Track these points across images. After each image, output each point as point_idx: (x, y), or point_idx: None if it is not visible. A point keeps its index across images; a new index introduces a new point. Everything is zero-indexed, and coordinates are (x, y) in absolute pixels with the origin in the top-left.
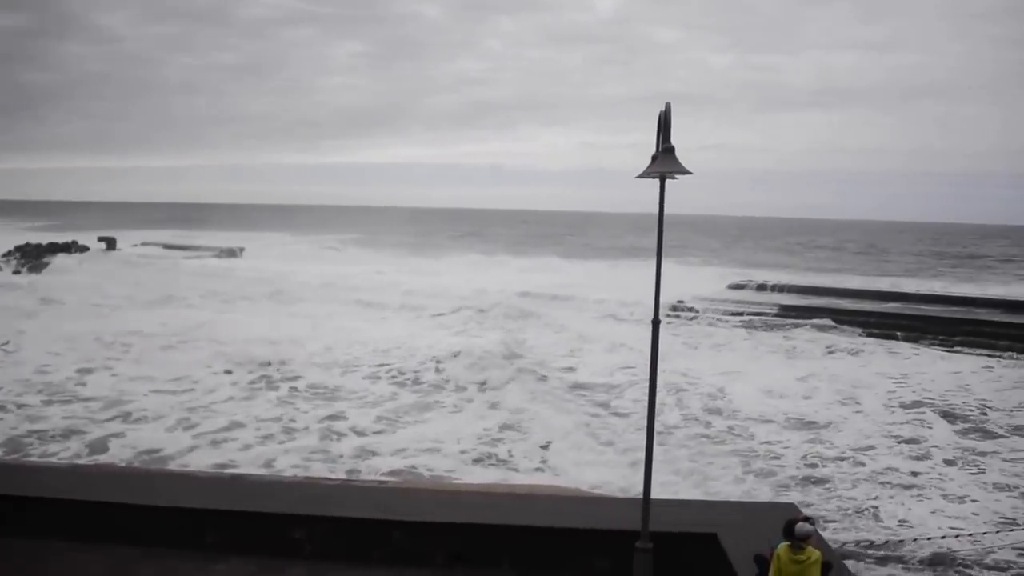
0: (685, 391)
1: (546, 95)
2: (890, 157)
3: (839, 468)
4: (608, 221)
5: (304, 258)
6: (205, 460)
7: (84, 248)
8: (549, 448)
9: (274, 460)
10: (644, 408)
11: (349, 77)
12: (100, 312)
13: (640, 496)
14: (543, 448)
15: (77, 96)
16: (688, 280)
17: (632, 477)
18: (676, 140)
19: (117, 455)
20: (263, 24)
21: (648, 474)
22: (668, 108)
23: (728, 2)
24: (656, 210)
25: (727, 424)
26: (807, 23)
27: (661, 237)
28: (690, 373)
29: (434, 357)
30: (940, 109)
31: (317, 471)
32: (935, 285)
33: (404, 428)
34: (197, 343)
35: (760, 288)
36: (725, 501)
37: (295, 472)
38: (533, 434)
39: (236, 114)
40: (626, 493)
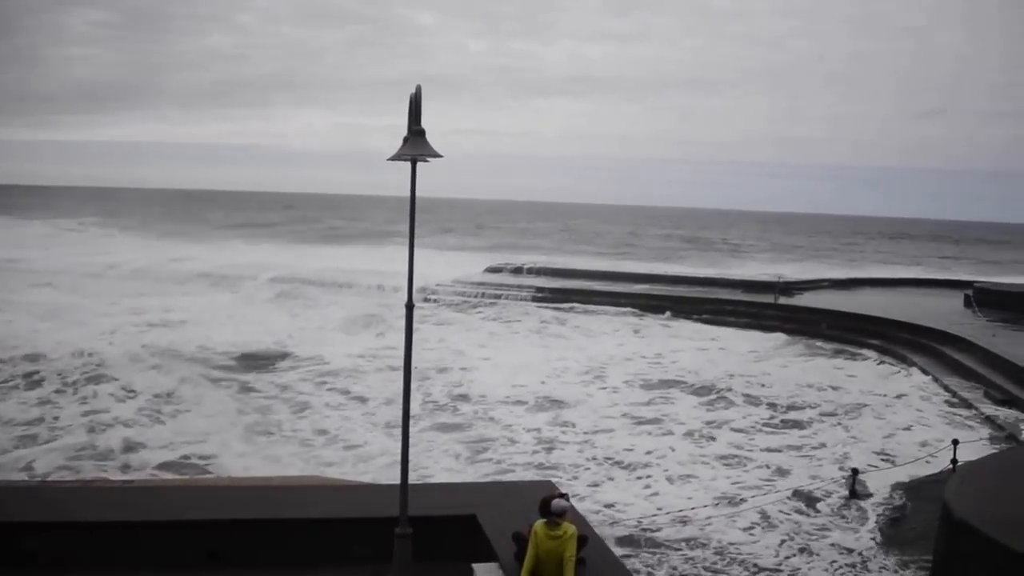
0: (435, 376)
1: (303, 74)
2: (639, 144)
3: (575, 450)
4: (366, 204)
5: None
6: None
7: None
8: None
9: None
10: (383, 394)
11: (88, 47)
12: None
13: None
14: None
15: None
16: (445, 263)
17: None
18: (432, 124)
19: None
20: None
21: (405, 459)
22: (419, 91)
23: None
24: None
25: (472, 408)
26: (560, 12)
27: (413, 220)
28: (443, 357)
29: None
30: (684, 100)
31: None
32: (682, 267)
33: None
34: None
35: (516, 271)
36: (484, 482)
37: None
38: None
39: None
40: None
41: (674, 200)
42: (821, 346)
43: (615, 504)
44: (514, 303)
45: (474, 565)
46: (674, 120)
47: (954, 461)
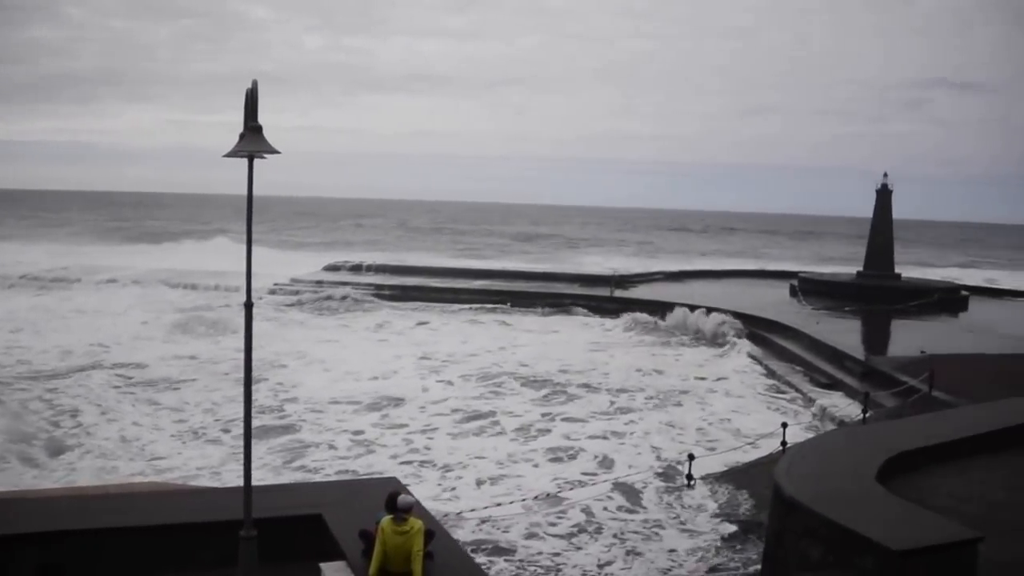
0: (267, 377)
1: (133, 70)
2: (475, 141)
3: (392, 452)
4: (202, 202)
5: None
6: None
7: None
8: None
9: None
10: (209, 399)
11: None
12: None
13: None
14: None
15: None
16: (283, 262)
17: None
18: (269, 120)
19: None
20: None
21: (248, 460)
22: (255, 86)
23: None
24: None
25: (299, 410)
26: (396, 8)
27: (251, 218)
28: (277, 358)
29: None
30: (520, 97)
31: None
32: (520, 263)
33: None
34: None
35: (355, 269)
36: (329, 481)
37: None
38: None
39: None
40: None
41: (511, 197)
42: (656, 336)
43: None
44: (353, 301)
45: (322, 564)
46: (511, 117)
47: (783, 443)
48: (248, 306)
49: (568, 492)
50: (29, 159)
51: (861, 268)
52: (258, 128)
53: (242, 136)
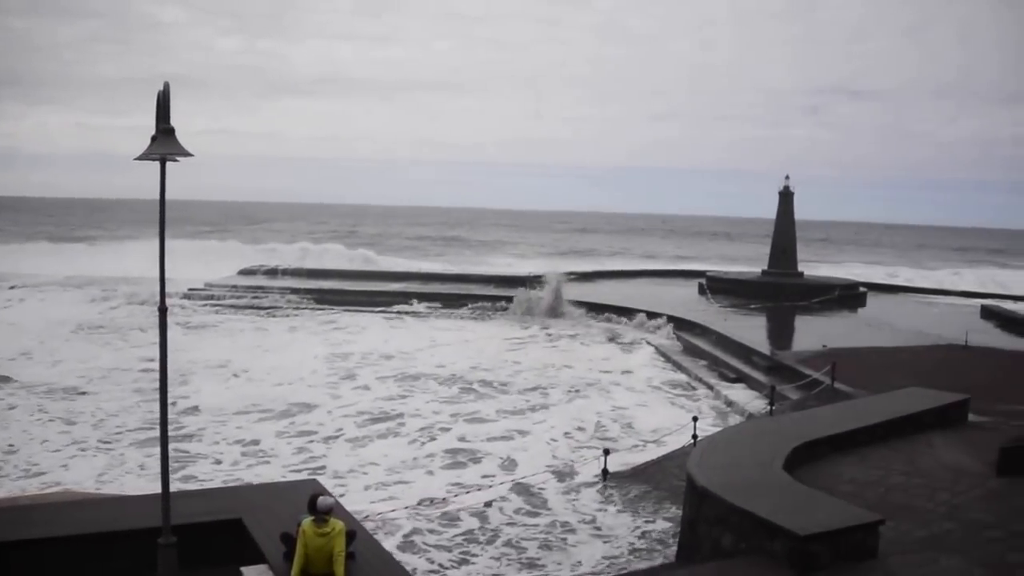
0: (173, 385)
1: (35, 71)
2: (389, 144)
3: (282, 462)
4: (112, 206)
5: None
6: None
7: None
8: None
9: None
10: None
11: None
12: None
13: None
14: None
15: None
16: (197, 266)
17: None
18: (181, 123)
19: None
20: None
21: (165, 467)
22: (167, 88)
23: None
24: (158, 194)
25: (199, 421)
26: (310, 12)
27: (163, 222)
28: (187, 365)
29: None
30: (434, 101)
31: None
32: (436, 264)
33: None
34: None
35: (271, 272)
36: (248, 485)
37: None
38: None
39: None
40: None
41: (426, 200)
42: (569, 334)
43: None
44: (268, 305)
45: (243, 568)
46: (425, 121)
47: (695, 436)
48: (162, 311)
49: (464, 496)
50: None
51: (766, 267)
52: (170, 130)
53: (154, 139)
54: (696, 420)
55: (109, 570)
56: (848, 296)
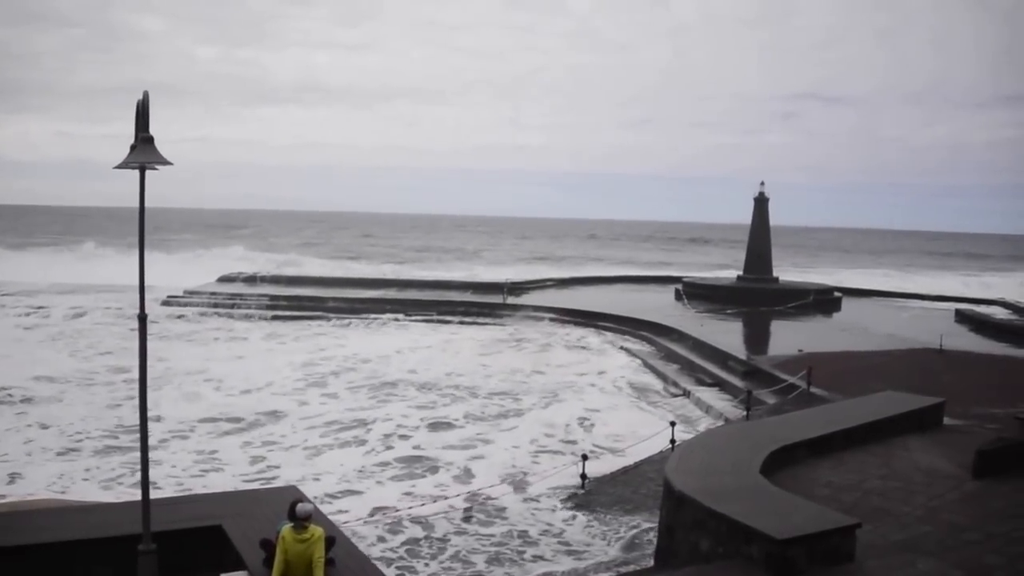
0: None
1: (15, 79)
2: (368, 152)
3: (238, 470)
4: (93, 214)
5: None
6: None
7: None
8: None
9: None
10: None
11: None
12: None
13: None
14: None
15: None
16: (177, 273)
17: None
18: (160, 132)
19: None
20: None
21: (145, 473)
22: (146, 97)
23: None
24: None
25: (163, 430)
26: (289, 21)
27: (143, 230)
28: (162, 373)
29: None
30: (413, 109)
31: None
32: (414, 271)
33: None
34: None
35: (250, 280)
36: (228, 492)
37: None
38: None
39: None
40: None
41: (404, 207)
42: (548, 341)
43: None
44: (247, 312)
45: (223, 575)
46: (403, 128)
47: (672, 441)
48: (142, 318)
49: (419, 508)
50: None
51: (742, 272)
52: (150, 139)
53: (133, 147)
54: (674, 425)
55: None
56: (823, 300)
